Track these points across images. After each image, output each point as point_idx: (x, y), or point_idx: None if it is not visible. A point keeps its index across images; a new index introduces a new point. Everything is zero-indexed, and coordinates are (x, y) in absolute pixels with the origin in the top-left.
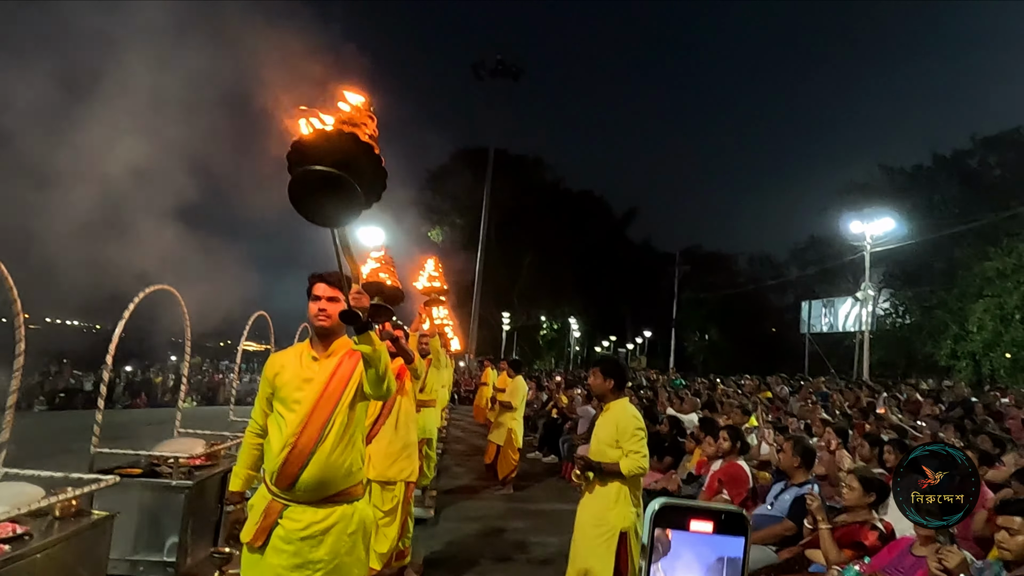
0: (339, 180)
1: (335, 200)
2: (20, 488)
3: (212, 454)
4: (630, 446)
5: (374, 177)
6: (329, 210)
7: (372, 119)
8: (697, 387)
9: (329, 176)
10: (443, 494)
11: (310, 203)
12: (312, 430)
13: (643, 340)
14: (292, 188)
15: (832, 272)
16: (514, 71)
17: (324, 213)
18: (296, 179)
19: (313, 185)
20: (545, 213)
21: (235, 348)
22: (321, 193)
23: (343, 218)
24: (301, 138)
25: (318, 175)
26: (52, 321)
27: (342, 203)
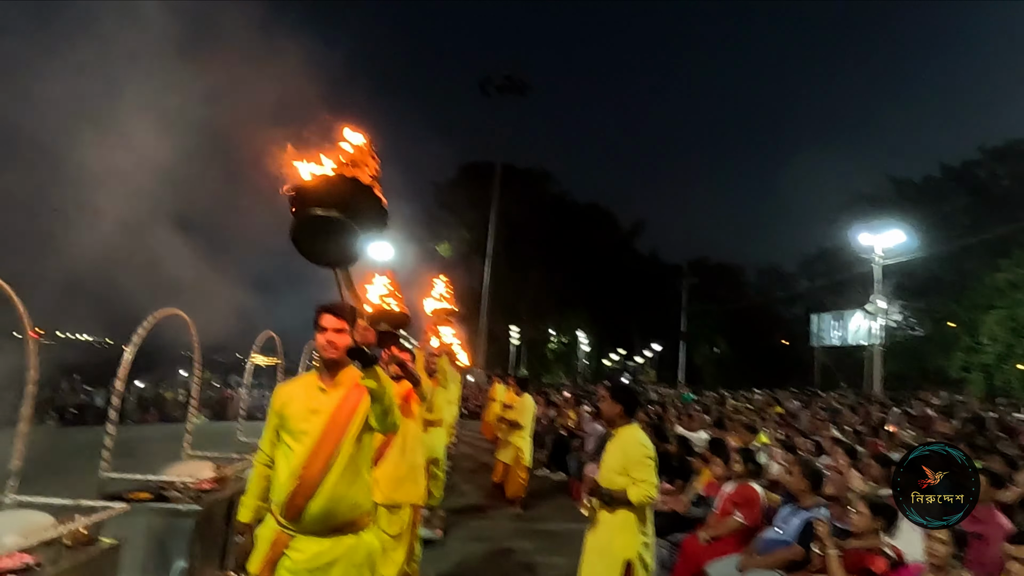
0: (339, 223)
1: (336, 242)
2: (30, 516)
3: (220, 478)
4: (638, 474)
5: (375, 218)
6: (331, 252)
7: (374, 159)
8: (707, 402)
9: (329, 219)
10: (451, 513)
11: (312, 246)
12: (319, 462)
13: (652, 353)
14: (294, 231)
15: (842, 284)
16: (521, 86)
17: (326, 255)
18: (297, 223)
19: (314, 228)
20: (552, 226)
21: (245, 361)
22: (322, 236)
23: (344, 259)
24: (302, 183)
25: (319, 219)
26: (64, 335)
27: (343, 245)
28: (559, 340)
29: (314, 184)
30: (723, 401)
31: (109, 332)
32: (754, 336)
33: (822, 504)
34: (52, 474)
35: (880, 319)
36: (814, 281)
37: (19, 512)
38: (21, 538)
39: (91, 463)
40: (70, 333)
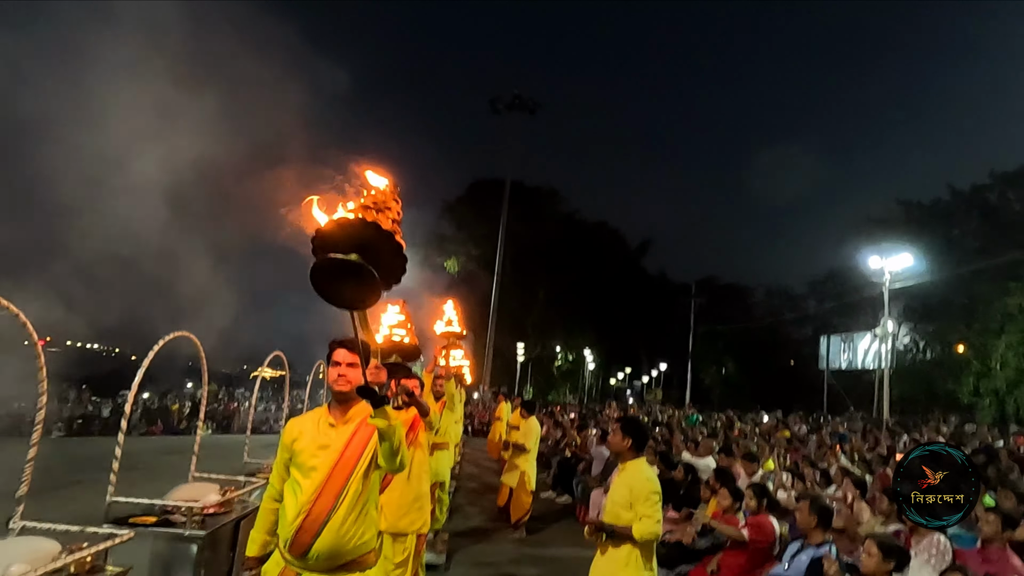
0: (358, 268)
1: (354, 286)
2: (37, 544)
3: (226, 501)
4: (644, 510)
5: (393, 263)
6: (348, 295)
7: (397, 202)
8: (714, 424)
9: (348, 264)
10: (455, 536)
11: (329, 288)
12: (326, 498)
13: (659, 372)
14: (314, 275)
15: (851, 306)
16: (531, 105)
17: (344, 298)
18: (316, 265)
19: (333, 272)
20: (560, 244)
21: (251, 373)
22: (341, 279)
23: (362, 303)
24: (323, 227)
25: (337, 262)
26: (72, 344)
27: (361, 289)
28: (565, 358)
29: (334, 227)
30: (731, 424)
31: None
32: (762, 357)
33: (830, 541)
34: (59, 486)
35: (889, 342)
36: (823, 303)
37: (26, 539)
38: (28, 566)
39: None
40: (79, 342)
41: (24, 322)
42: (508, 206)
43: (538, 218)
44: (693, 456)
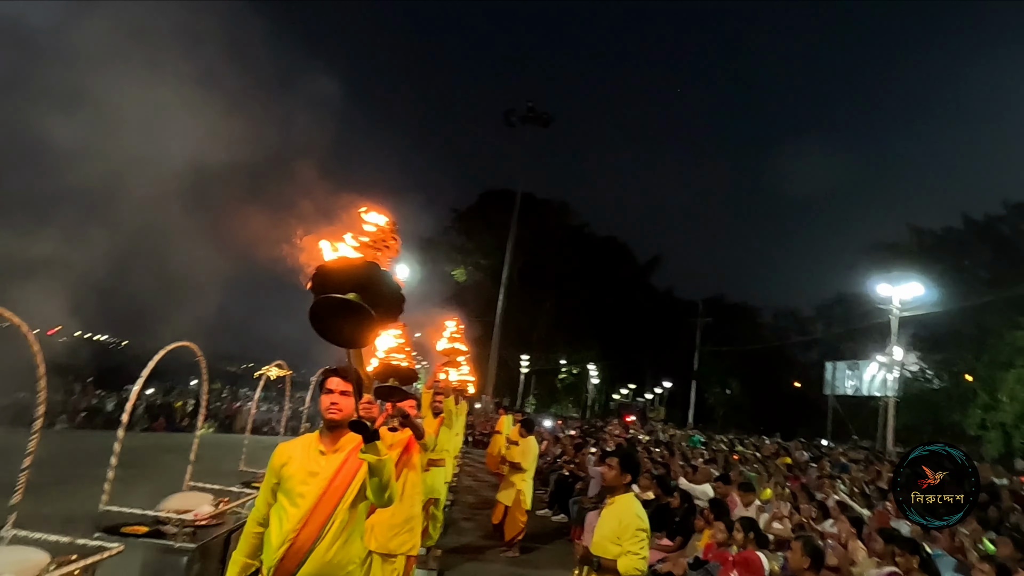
0: (356, 307)
1: (352, 324)
2: (27, 554)
3: (218, 513)
4: (630, 546)
5: (391, 302)
6: (346, 333)
7: (396, 239)
8: (715, 447)
9: (346, 303)
10: (448, 552)
11: (329, 326)
12: (312, 527)
13: (663, 390)
14: (313, 313)
15: (858, 332)
16: (544, 118)
17: (342, 336)
18: (314, 304)
19: (332, 310)
20: (569, 257)
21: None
22: (339, 317)
23: (359, 341)
24: (323, 264)
25: (335, 301)
26: (80, 336)
27: (359, 327)
28: (569, 371)
29: (333, 265)
30: (732, 448)
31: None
32: (767, 379)
33: None
34: (59, 481)
35: (896, 371)
36: (831, 327)
37: (17, 549)
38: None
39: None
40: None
41: (26, 332)
42: (518, 218)
43: (547, 230)
44: (690, 482)
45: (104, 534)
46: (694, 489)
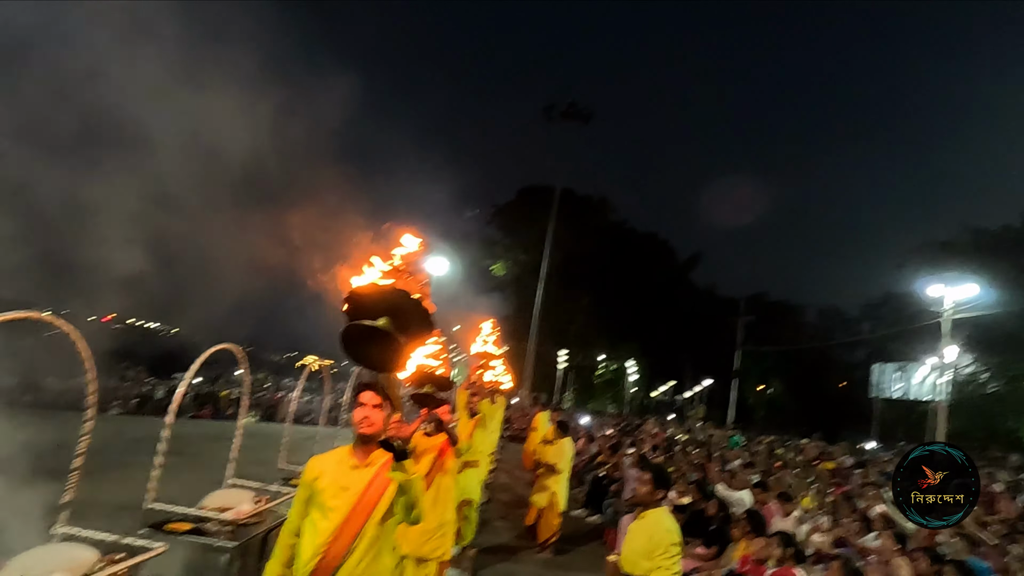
0: (385, 335)
1: (383, 350)
2: (77, 552)
3: (258, 512)
4: (662, 561)
5: (420, 328)
6: (377, 359)
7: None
8: (755, 449)
9: (376, 330)
10: (482, 552)
11: (359, 350)
12: (343, 541)
13: (702, 389)
14: (345, 338)
15: (908, 333)
16: (584, 114)
17: (373, 360)
18: (346, 329)
19: (363, 336)
20: (608, 254)
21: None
22: (371, 343)
23: (389, 366)
24: (356, 290)
25: (366, 328)
26: (133, 323)
27: (389, 353)
28: (607, 367)
29: (366, 291)
30: (772, 452)
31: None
32: (810, 379)
33: None
34: (109, 467)
35: (947, 374)
36: (878, 327)
37: (67, 546)
38: (67, 575)
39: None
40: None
41: (76, 339)
42: (557, 213)
43: (586, 226)
44: (728, 489)
45: (149, 530)
46: (731, 496)
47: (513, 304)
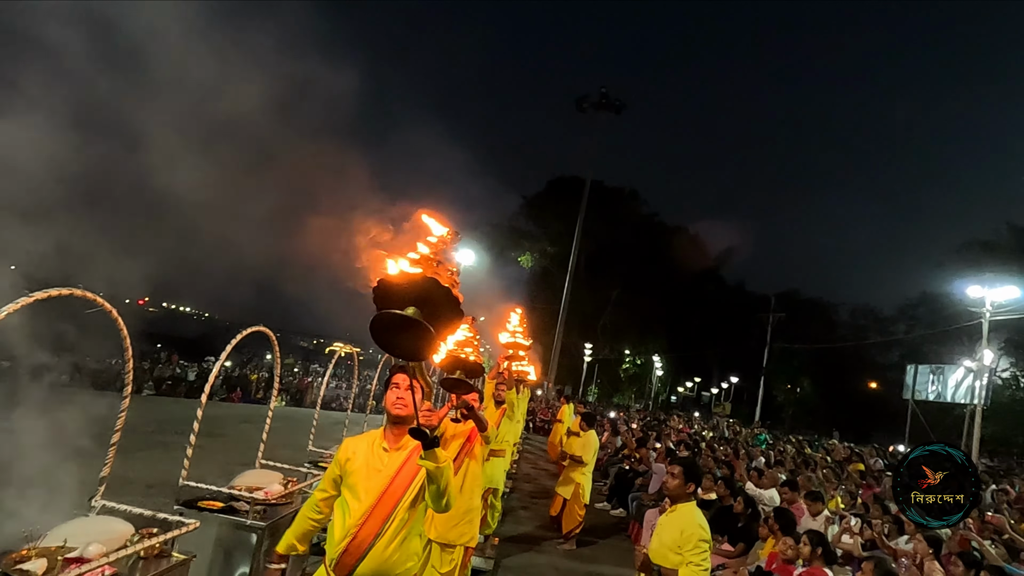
0: (415, 323)
1: (412, 339)
2: (113, 525)
3: (288, 493)
4: (692, 556)
5: (450, 317)
6: (406, 347)
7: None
8: (782, 447)
9: (405, 318)
10: (505, 541)
11: (389, 339)
12: (373, 523)
13: (729, 385)
14: (374, 326)
15: (944, 334)
16: (617, 105)
17: (403, 349)
18: (375, 318)
19: (391, 325)
20: (637, 247)
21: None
22: (399, 331)
23: (419, 354)
24: (384, 278)
25: (396, 317)
26: (168, 307)
27: (419, 342)
28: (633, 362)
29: (395, 281)
30: (800, 451)
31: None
32: (842, 379)
33: None
34: (142, 447)
35: (984, 377)
36: (913, 328)
37: (104, 519)
38: (104, 547)
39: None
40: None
41: (116, 318)
42: (586, 205)
43: (616, 219)
44: (756, 487)
45: (182, 507)
46: (761, 495)
47: (540, 296)
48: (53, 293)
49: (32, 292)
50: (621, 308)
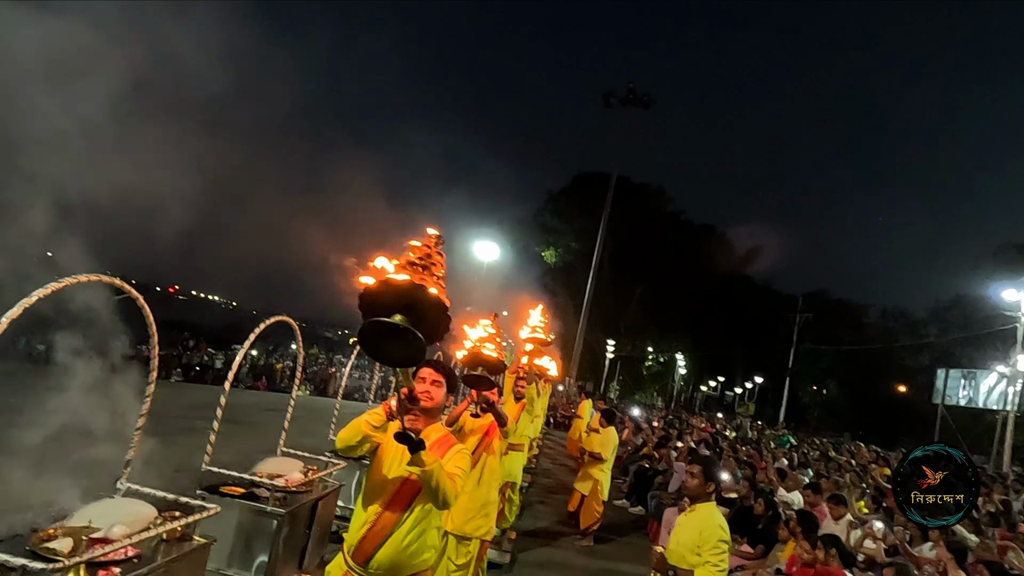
0: (402, 330)
1: (401, 346)
2: (137, 507)
3: (308, 481)
4: (710, 557)
5: (438, 321)
6: (395, 354)
7: (441, 255)
8: (805, 450)
9: (392, 326)
10: (522, 535)
11: (376, 346)
12: (393, 513)
13: (753, 386)
14: (362, 335)
15: (977, 338)
16: (645, 100)
17: (392, 357)
18: (363, 326)
19: (381, 333)
20: (663, 244)
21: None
22: (388, 340)
23: (408, 361)
24: (370, 288)
25: (383, 324)
26: (197, 294)
27: (407, 349)
28: (656, 359)
29: (381, 288)
30: (825, 453)
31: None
32: (869, 382)
33: None
34: (169, 432)
35: (1018, 383)
36: (946, 331)
37: (129, 501)
38: (128, 528)
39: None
40: (202, 293)
41: (142, 304)
42: (612, 201)
43: (642, 215)
44: (787, 492)
45: (205, 492)
46: (782, 497)
47: (563, 292)
48: (82, 279)
49: (62, 278)
50: (645, 305)
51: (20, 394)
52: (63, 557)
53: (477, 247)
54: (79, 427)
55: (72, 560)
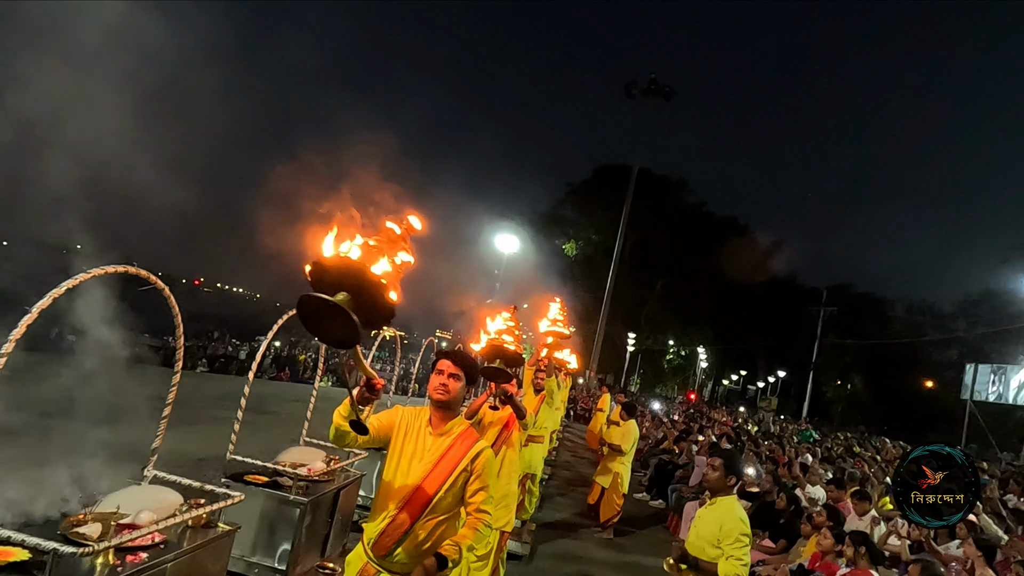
0: (342, 312)
1: (339, 326)
2: (164, 494)
3: (330, 471)
4: (731, 550)
5: (377, 315)
6: (334, 334)
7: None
8: (829, 445)
9: (332, 305)
10: (541, 527)
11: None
12: (413, 508)
13: (776, 380)
14: (301, 307)
15: (1007, 333)
16: (667, 92)
17: (330, 336)
18: (304, 300)
19: (320, 309)
20: (684, 237)
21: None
22: (327, 317)
23: (345, 343)
24: (322, 260)
25: (319, 300)
26: (221, 287)
27: (345, 330)
28: (678, 353)
29: (332, 263)
30: (849, 448)
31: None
32: (895, 377)
33: None
34: (195, 421)
35: None
36: (974, 326)
37: (155, 488)
38: (154, 515)
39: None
40: (226, 285)
41: (168, 296)
42: (633, 193)
43: (663, 207)
44: (812, 488)
45: (230, 480)
46: (814, 495)
47: (584, 284)
48: (109, 270)
49: (89, 269)
50: (666, 298)
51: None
52: (92, 542)
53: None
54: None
55: (101, 545)
